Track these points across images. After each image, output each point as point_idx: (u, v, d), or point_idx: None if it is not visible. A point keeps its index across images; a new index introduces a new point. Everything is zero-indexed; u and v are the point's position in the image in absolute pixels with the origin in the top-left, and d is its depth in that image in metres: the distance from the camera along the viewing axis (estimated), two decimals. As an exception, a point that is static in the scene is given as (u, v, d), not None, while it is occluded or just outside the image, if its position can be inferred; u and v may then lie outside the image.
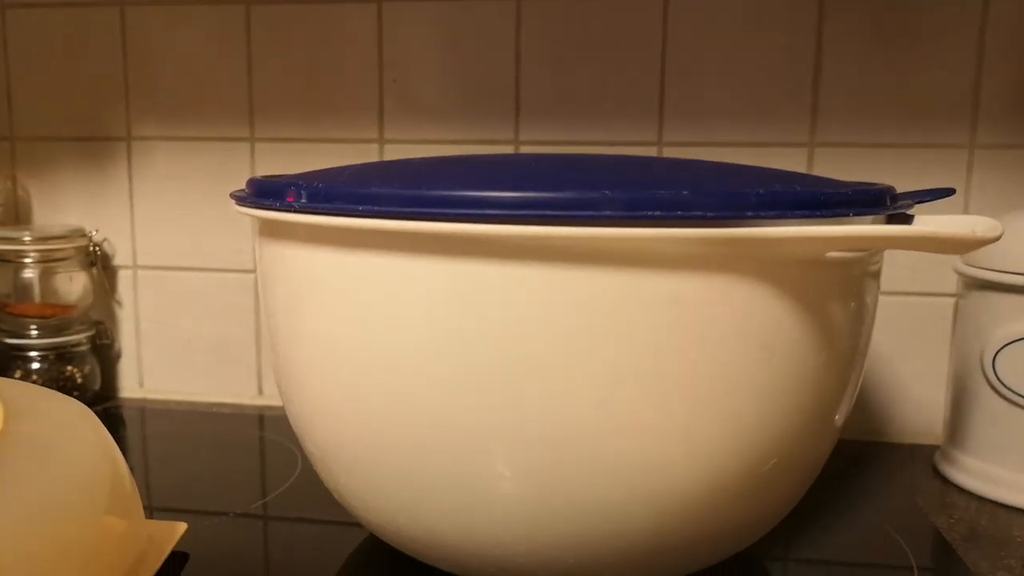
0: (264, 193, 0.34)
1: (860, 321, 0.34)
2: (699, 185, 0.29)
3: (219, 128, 0.64)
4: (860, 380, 0.36)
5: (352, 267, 0.31)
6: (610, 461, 0.30)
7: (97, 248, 0.65)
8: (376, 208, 0.29)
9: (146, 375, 0.68)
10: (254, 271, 0.65)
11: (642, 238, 0.27)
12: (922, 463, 0.55)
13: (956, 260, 0.52)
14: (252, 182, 0.37)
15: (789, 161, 0.58)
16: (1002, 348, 0.48)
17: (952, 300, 0.57)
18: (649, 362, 0.29)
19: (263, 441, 0.59)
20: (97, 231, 0.66)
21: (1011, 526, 0.46)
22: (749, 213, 0.27)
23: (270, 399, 0.66)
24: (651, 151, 0.59)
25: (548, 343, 0.29)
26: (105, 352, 0.67)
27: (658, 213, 0.26)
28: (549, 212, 0.27)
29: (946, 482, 0.52)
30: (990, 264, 0.48)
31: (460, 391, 0.30)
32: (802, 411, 0.32)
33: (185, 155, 0.65)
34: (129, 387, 0.68)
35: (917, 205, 0.35)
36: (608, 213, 0.27)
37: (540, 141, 0.60)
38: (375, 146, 0.62)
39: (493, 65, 0.60)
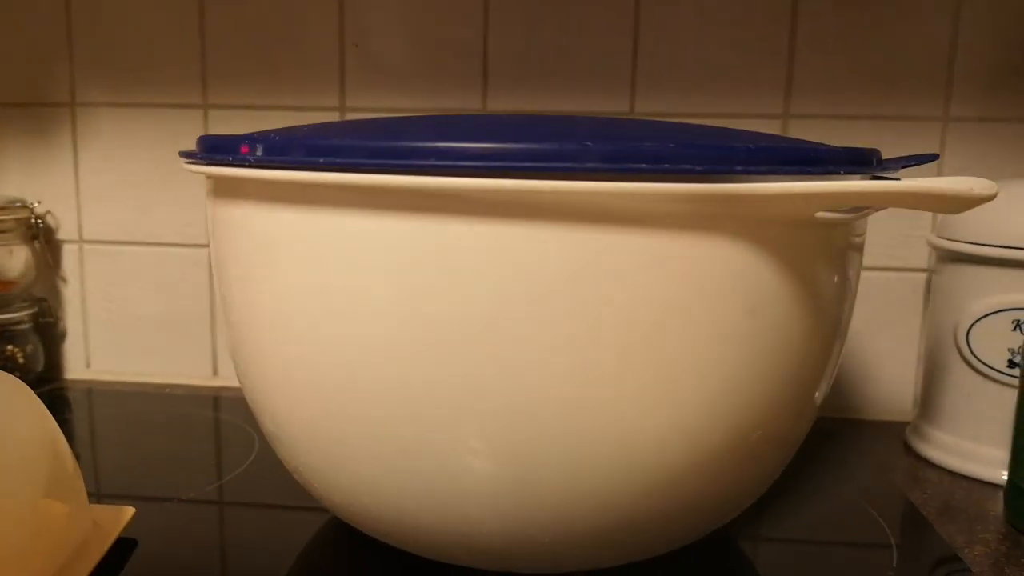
0: (216, 148, 0.31)
1: (844, 292, 0.32)
2: (686, 139, 0.28)
3: (170, 94, 0.61)
4: (840, 355, 0.35)
5: (311, 226, 0.29)
6: (588, 432, 0.28)
7: (39, 221, 0.61)
8: (339, 160, 0.27)
9: (93, 355, 0.65)
10: (207, 245, 0.62)
11: (626, 193, 0.25)
12: (893, 439, 0.54)
13: (930, 233, 0.51)
14: (203, 139, 0.34)
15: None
16: (976, 321, 0.47)
17: (924, 276, 0.57)
18: (629, 327, 0.27)
19: (218, 423, 0.56)
20: (39, 203, 0.62)
21: (984, 500, 0.45)
22: (739, 168, 0.25)
23: (226, 380, 0.64)
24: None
25: (522, 306, 0.27)
26: (49, 331, 0.64)
27: (644, 166, 0.25)
28: (528, 164, 0.25)
29: (918, 458, 0.51)
30: (966, 236, 0.48)
31: (428, 359, 0.28)
32: (786, 382, 0.30)
33: (134, 122, 0.61)
34: (75, 368, 0.65)
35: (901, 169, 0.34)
36: (591, 165, 0.25)
37: (509, 111, 0.58)
38: (336, 114, 0.59)
39: (460, 30, 0.57)
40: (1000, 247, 0.46)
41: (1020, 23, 0.54)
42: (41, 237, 0.62)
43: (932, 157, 0.37)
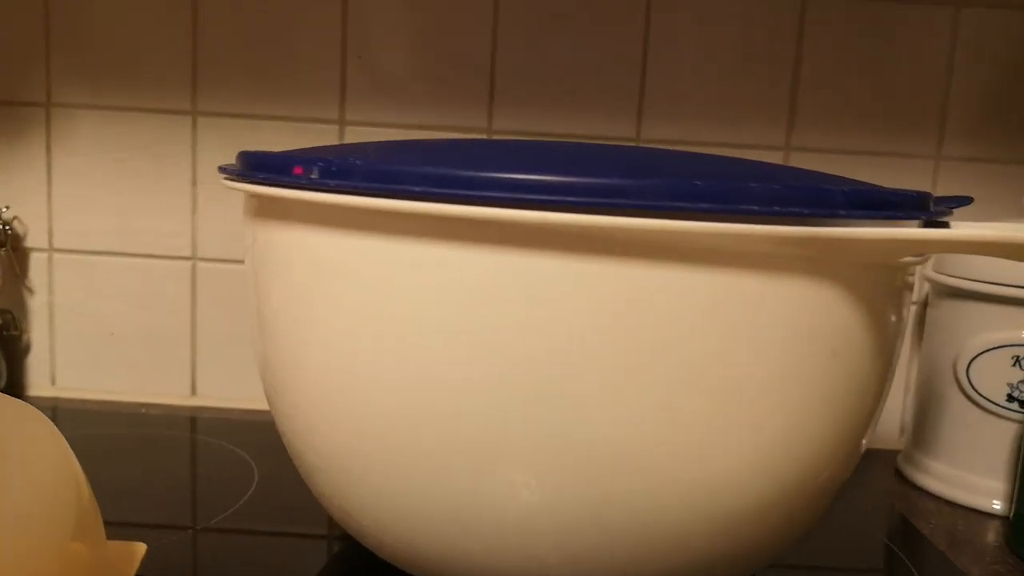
0: (264, 167, 0.30)
1: (900, 330, 0.33)
2: (787, 181, 0.27)
3: (156, 98, 0.58)
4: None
5: (371, 253, 0.28)
6: (669, 474, 0.28)
7: (7, 227, 0.57)
8: (429, 190, 0.25)
9: (59, 371, 0.61)
10: (192, 258, 0.59)
11: (734, 234, 0.25)
12: (883, 467, 0.56)
13: (928, 268, 0.53)
14: (248, 156, 0.33)
15: (765, 164, 0.57)
16: (977, 356, 0.49)
17: (914, 308, 0.59)
18: (717, 368, 0.27)
19: (201, 445, 0.53)
20: (7, 208, 0.58)
21: (987, 531, 0.47)
22: (842, 212, 0.25)
23: (204, 399, 0.61)
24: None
25: (607, 345, 0.26)
26: (12, 345, 0.59)
27: (755, 208, 0.24)
28: (640, 203, 0.24)
29: (912, 486, 0.53)
30: (966, 274, 0.49)
31: (502, 399, 0.27)
32: (855, 421, 0.30)
33: (114, 126, 0.58)
34: (39, 384, 0.61)
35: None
36: (704, 206, 0.24)
37: (514, 131, 0.57)
38: (335, 127, 0.58)
39: (467, 46, 0.57)
40: (1001, 285, 0.48)
41: (1008, 69, 0.56)
42: (8, 244, 0.58)
43: (966, 200, 0.38)
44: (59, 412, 0.58)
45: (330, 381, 0.30)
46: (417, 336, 0.28)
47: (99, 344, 0.60)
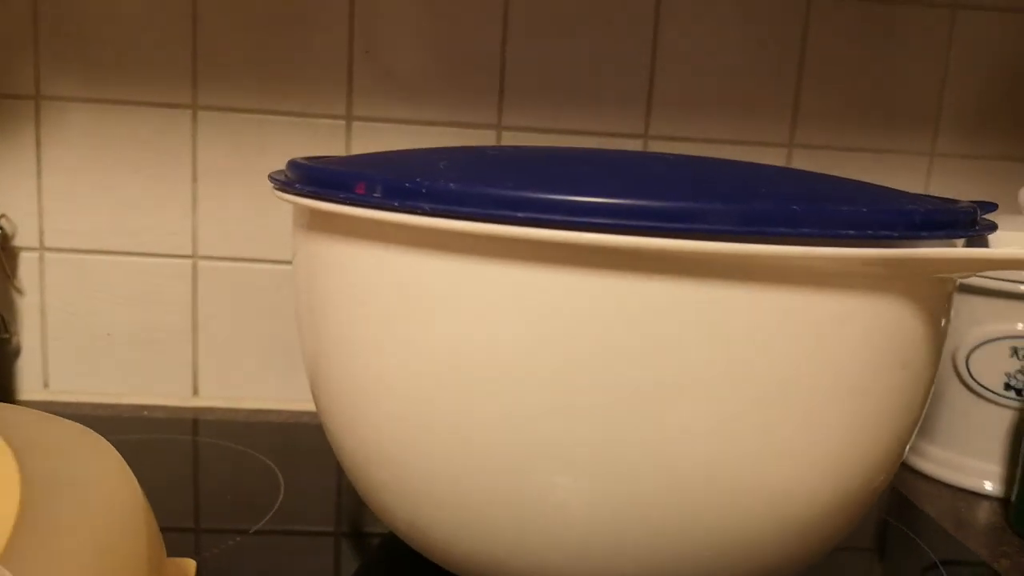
0: (322, 182, 0.29)
1: (945, 340, 0.34)
2: (878, 204, 0.28)
3: (154, 91, 0.55)
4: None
5: (455, 275, 0.28)
6: (743, 484, 0.29)
7: (-4, 226, 0.55)
8: (525, 215, 0.25)
9: (52, 374, 0.59)
10: (193, 256, 0.58)
11: (833, 258, 0.25)
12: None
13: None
14: (301, 168, 0.32)
15: (769, 160, 0.59)
16: (976, 347, 0.51)
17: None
18: (793, 383, 0.27)
19: (208, 447, 0.52)
20: (-5, 205, 0.55)
21: (985, 511, 0.50)
22: (924, 233, 0.26)
23: (208, 400, 0.59)
24: (637, 143, 0.58)
25: (686, 363, 0.27)
26: (1, 348, 0.57)
27: (851, 232, 0.25)
28: (741, 229, 0.25)
29: (912, 470, 0.55)
30: (966, 268, 0.51)
31: (589, 415, 0.28)
32: (910, 425, 0.32)
33: (109, 120, 0.56)
34: (31, 388, 0.59)
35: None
36: (805, 231, 0.25)
37: (524, 127, 0.57)
38: (342, 123, 0.57)
39: (478, 42, 0.56)
40: (999, 279, 0.50)
41: (1001, 70, 0.58)
42: (-3, 244, 0.55)
43: (992, 207, 0.40)
44: (54, 416, 0.56)
45: (399, 393, 0.30)
46: (493, 353, 0.28)
47: (94, 346, 0.58)
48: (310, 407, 0.59)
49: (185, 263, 0.58)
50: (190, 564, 0.36)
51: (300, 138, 0.56)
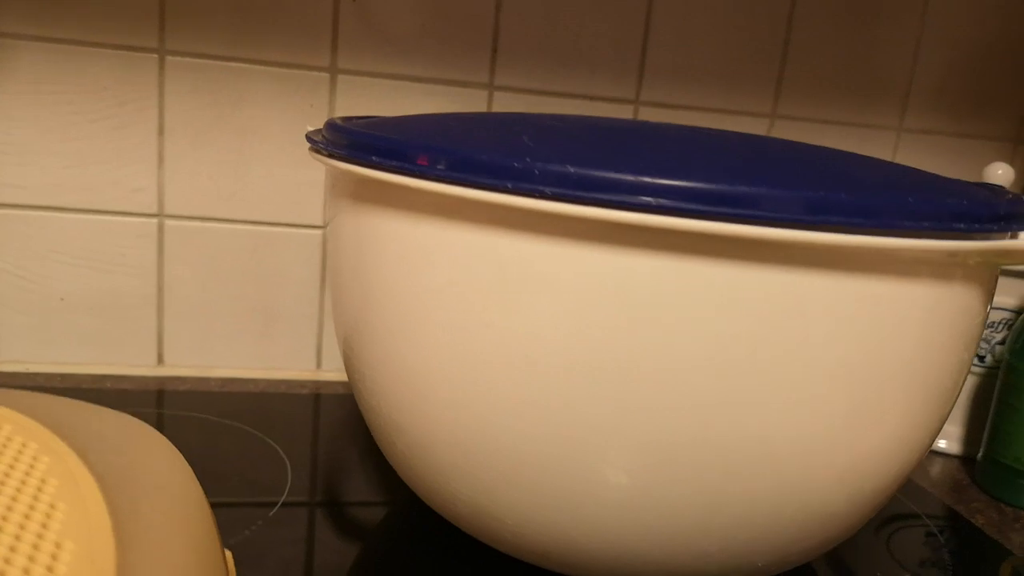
0: (375, 149, 0.27)
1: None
2: (957, 198, 0.29)
3: (117, 32, 0.50)
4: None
5: (554, 257, 0.27)
6: (818, 467, 0.29)
7: (-68, 178, 0.49)
8: (645, 200, 0.25)
9: (1, 343, 0.53)
10: (159, 215, 0.53)
11: (937, 250, 0.26)
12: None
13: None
14: (343, 130, 0.30)
15: (750, 129, 0.60)
16: (944, 316, 0.55)
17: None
18: (858, 369, 0.28)
19: (185, 420, 0.49)
20: (-71, 155, 0.49)
21: (956, 472, 0.53)
22: (994, 227, 0.27)
23: (175, 368, 0.56)
24: (627, 109, 0.57)
25: (780, 351, 0.27)
26: (-62, 314, 0.51)
27: (961, 226, 0.26)
28: (818, 218, 0.25)
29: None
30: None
31: (649, 399, 0.28)
32: (953, 402, 0.33)
33: (65, 63, 0.50)
34: (-27, 358, 0.53)
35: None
36: (910, 224, 0.25)
37: (516, 88, 0.56)
38: (325, 75, 0.53)
39: (472, -3, 0.54)
40: (969, 253, 0.53)
41: (970, 50, 0.61)
42: (-67, 198, 0.49)
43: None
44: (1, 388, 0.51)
45: (475, 376, 0.29)
46: (579, 336, 0.27)
47: (46, 311, 0.53)
48: (288, 375, 0.57)
49: (150, 222, 0.53)
50: (227, 555, 0.34)
51: (279, 90, 0.53)
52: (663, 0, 0.56)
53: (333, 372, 0.58)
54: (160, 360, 0.56)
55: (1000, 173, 0.55)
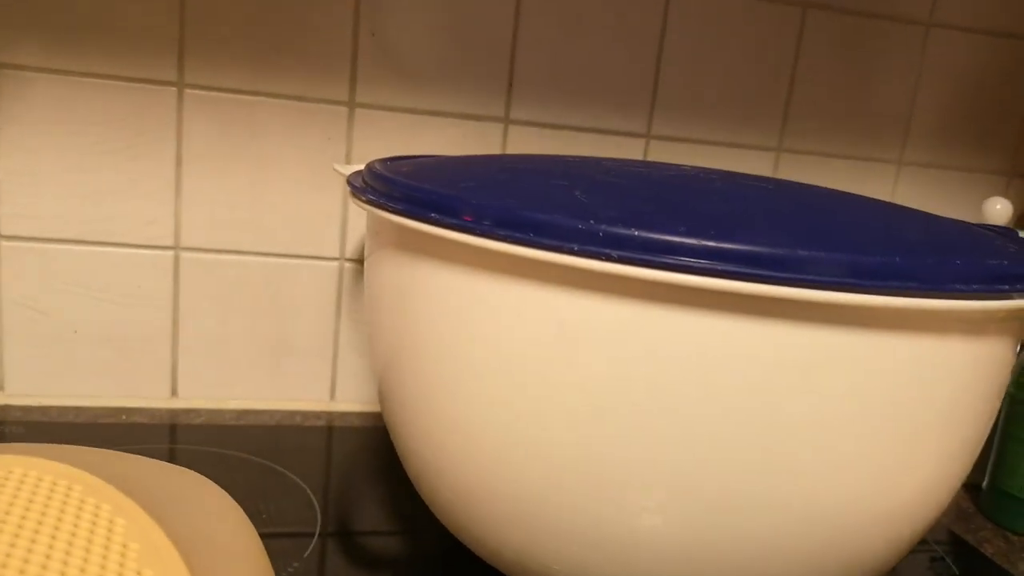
0: (422, 203, 0.28)
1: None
2: (991, 252, 0.30)
3: (133, 64, 0.50)
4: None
5: (609, 315, 0.27)
6: (852, 516, 0.30)
7: (-54, 211, 0.48)
8: (707, 264, 0.25)
9: (9, 376, 0.53)
10: (175, 247, 0.53)
11: (984, 310, 0.27)
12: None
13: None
14: (388, 180, 0.31)
15: (757, 163, 0.61)
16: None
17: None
18: (907, 417, 0.29)
19: (198, 455, 0.49)
20: (-56, 188, 0.49)
21: (959, 498, 0.55)
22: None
23: (188, 401, 0.55)
24: (639, 142, 0.58)
25: (833, 406, 0.28)
26: (-51, 348, 0.51)
27: (1005, 287, 0.27)
28: (911, 284, 0.26)
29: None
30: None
31: (715, 454, 0.28)
32: (983, 442, 0.35)
33: (80, 95, 0.50)
34: (-17, 391, 0.53)
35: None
36: (960, 287, 0.26)
37: (530, 122, 0.56)
38: (343, 109, 0.53)
39: (488, 33, 0.54)
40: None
41: (968, 86, 0.63)
42: (-53, 232, 0.48)
43: None
44: (7, 424, 0.51)
45: (504, 425, 0.30)
46: (631, 391, 0.28)
47: (59, 344, 0.53)
48: (302, 406, 0.57)
49: (166, 255, 0.53)
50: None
51: (297, 123, 0.53)
52: (674, 39, 0.57)
53: (347, 403, 0.58)
54: (174, 392, 0.55)
55: (999, 208, 0.57)
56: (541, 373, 0.29)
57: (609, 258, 0.26)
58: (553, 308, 0.28)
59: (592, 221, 0.26)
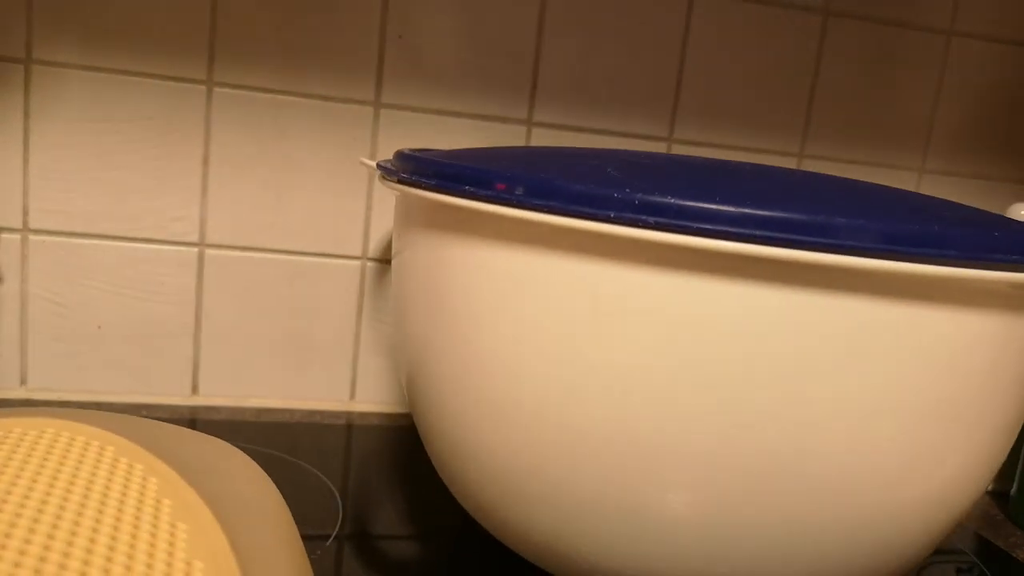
0: (453, 177, 0.28)
1: None
2: (1009, 230, 0.30)
3: (165, 63, 0.51)
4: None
5: (653, 286, 0.27)
6: (883, 499, 0.30)
7: (-23, 203, 0.49)
8: (744, 230, 0.25)
9: (32, 370, 0.53)
10: (200, 244, 0.53)
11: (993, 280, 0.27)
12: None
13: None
14: (419, 161, 0.31)
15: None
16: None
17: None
18: (974, 401, 0.29)
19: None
20: (-25, 180, 0.49)
21: (987, 506, 0.54)
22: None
23: (209, 398, 0.55)
24: (661, 146, 0.59)
25: (833, 377, 0.28)
26: (-25, 340, 0.51)
27: (1016, 257, 0.27)
28: (919, 250, 0.25)
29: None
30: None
31: (724, 422, 0.28)
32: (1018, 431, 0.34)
33: (113, 92, 0.51)
34: (6, 385, 0.53)
35: None
36: (999, 257, 0.26)
37: (553, 124, 0.57)
38: (369, 109, 0.54)
39: (514, 35, 0.55)
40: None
41: (989, 94, 0.63)
42: (-23, 224, 0.49)
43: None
44: (34, 417, 0.51)
45: (541, 401, 0.30)
46: (655, 363, 0.28)
47: (82, 339, 0.53)
48: (322, 405, 0.57)
49: (190, 251, 0.53)
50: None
51: (323, 122, 0.53)
52: (696, 43, 0.57)
53: (367, 404, 0.58)
54: (195, 390, 0.55)
55: (1023, 215, 0.57)
56: (576, 347, 0.29)
57: (646, 225, 0.26)
58: (589, 281, 0.28)
59: (628, 189, 0.26)
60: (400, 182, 0.33)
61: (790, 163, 0.61)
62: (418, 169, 0.32)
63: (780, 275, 0.26)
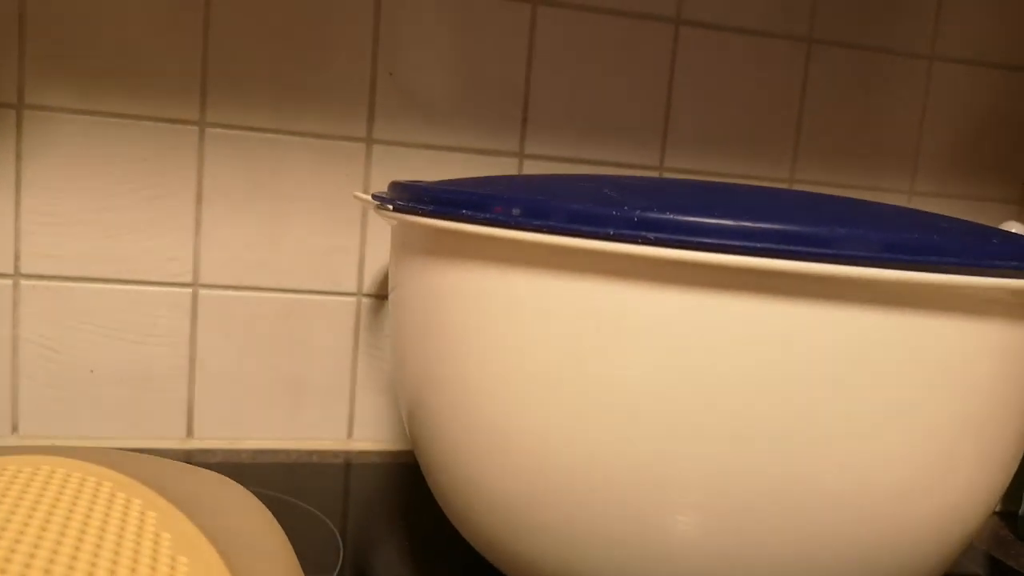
0: (450, 202, 0.28)
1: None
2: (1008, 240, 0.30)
3: (157, 104, 0.51)
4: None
5: (658, 303, 0.27)
6: (891, 514, 0.29)
7: (-32, 249, 0.48)
8: (742, 243, 0.25)
9: (23, 417, 0.52)
10: (193, 284, 0.53)
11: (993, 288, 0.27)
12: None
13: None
14: (410, 188, 0.31)
15: (770, 195, 0.61)
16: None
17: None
18: (981, 412, 0.29)
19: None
20: (-34, 226, 0.49)
21: (995, 525, 0.53)
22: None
23: (205, 441, 0.54)
24: (652, 176, 0.59)
25: (840, 388, 0.28)
26: (-35, 388, 0.50)
27: (1014, 264, 0.27)
28: (919, 258, 0.25)
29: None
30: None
31: (759, 444, 0.28)
32: None
33: (103, 135, 0.51)
34: (-3, 433, 0.52)
35: None
36: (999, 264, 0.26)
37: (545, 156, 0.57)
38: (361, 146, 0.54)
39: (503, 71, 0.55)
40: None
41: (973, 117, 0.64)
42: (-33, 270, 0.49)
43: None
44: (25, 465, 0.50)
45: (545, 427, 0.29)
46: (630, 376, 0.27)
47: (74, 384, 0.52)
48: (320, 445, 0.56)
49: (184, 292, 0.53)
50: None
51: (316, 160, 0.54)
52: (683, 74, 0.58)
53: (365, 442, 0.57)
54: (190, 432, 0.54)
55: (1014, 232, 0.57)
56: (580, 369, 0.28)
57: (647, 241, 0.25)
58: (590, 300, 0.28)
59: (626, 207, 0.26)
60: (396, 210, 0.33)
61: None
62: (415, 196, 0.32)
63: (783, 288, 0.26)
